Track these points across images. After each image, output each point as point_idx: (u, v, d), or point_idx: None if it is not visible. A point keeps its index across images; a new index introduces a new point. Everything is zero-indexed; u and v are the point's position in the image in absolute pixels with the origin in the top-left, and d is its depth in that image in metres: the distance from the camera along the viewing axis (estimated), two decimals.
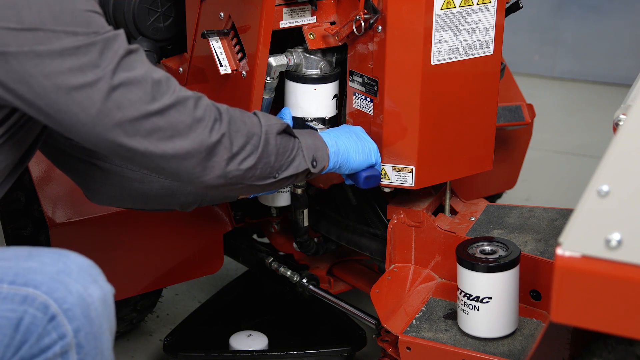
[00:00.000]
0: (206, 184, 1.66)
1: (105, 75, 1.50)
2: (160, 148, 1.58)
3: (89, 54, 1.49)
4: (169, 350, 2.36)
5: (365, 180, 1.98)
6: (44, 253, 1.47)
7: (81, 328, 1.42)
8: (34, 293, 1.40)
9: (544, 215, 2.19)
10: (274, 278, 2.39)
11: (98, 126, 1.52)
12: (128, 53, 1.54)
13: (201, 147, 1.61)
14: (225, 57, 2.07)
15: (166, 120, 1.57)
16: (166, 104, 1.57)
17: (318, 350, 2.33)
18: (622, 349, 1.38)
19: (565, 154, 3.88)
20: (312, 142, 1.84)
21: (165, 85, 1.58)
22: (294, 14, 2.03)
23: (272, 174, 1.75)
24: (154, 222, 2.25)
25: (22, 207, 2.24)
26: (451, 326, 1.95)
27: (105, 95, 1.50)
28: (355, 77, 2.05)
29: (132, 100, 1.52)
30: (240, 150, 1.67)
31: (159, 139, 1.57)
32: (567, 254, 1.24)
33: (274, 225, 2.48)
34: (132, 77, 1.53)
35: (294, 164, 1.79)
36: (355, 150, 1.95)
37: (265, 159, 1.72)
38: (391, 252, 2.13)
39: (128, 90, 1.52)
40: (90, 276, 1.45)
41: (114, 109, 1.51)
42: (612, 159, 1.28)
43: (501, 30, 2.04)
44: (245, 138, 1.68)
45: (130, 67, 1.53)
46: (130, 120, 1.53)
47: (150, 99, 1.55)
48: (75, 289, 1.42)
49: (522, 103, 2.55)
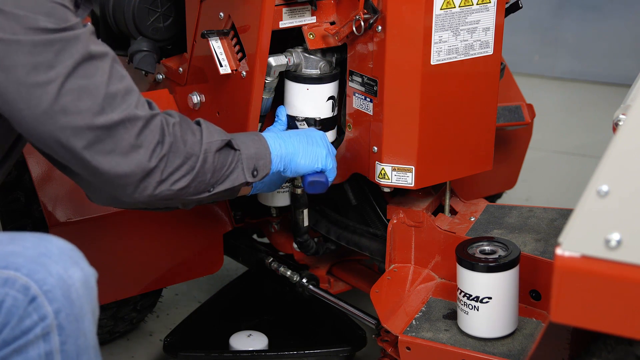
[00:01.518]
0: (135, 202, 1.66)
1: (58, 78, 1.49)
2: (96, 160, 1.57)
3: (46, 53, 1.48)
4: (169, 350, 2.36)
5: (309, 185, 1.97)
6: (26, 237, 1.47)
7: (62, 309, 1.42)
8: (15, 275, 1.41)
9: (544, 215, 2.19)
10: (274, 278, 2.39)
11: (41, 126, 1.51)
12: (88, 58, 1.52)
13: (138, 169, 1.60)
14: (225, 57, 2.07)
15: (110, 135, 1.56)
16: (114, 119, 1.55)
17: (318, 350, 2.33)
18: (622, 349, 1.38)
19: (565, 154, 3.88)
20: (255, 152, 1.82)
21: (119, 100, 1.56)
22: (293, 14, 2.03)
23: (207, 188, 1.74)
24: (153, 222, 2.25)
25: (22, 207, 2.24)
26: (451, 326, 1.95)
27: (53, 98, 1.49)
28: (355, 77, 2.05)
29: (79, 109, 1.52)
30: (175, 172, 1.66)
31: (98, 152, 1.56)
32: (567, 254, 1.24)
33: (274, 225, 2.48)
34: (85, 85, 1.51)
35: (231, 178, 1.78)
36: (302, 155, 1.92)
37: (201, 178, 1.71)
38: (391, 252, 2.13)
39: (78, 97, 1.51)
40: (71, 258, 1.46)
41: (59, 113, 1.51)
42: (612, 159, 1.28)
43: (501, 30, 2.04)
44: (182, 159, 1.67)
45: (87, 74, 1.52)
46: (74, 128, 1.52)
47: (99, 111, 1.53)
48: (56, 271, 1.42)
49: (522, 103, 2.55)
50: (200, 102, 2.21)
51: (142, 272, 2.29)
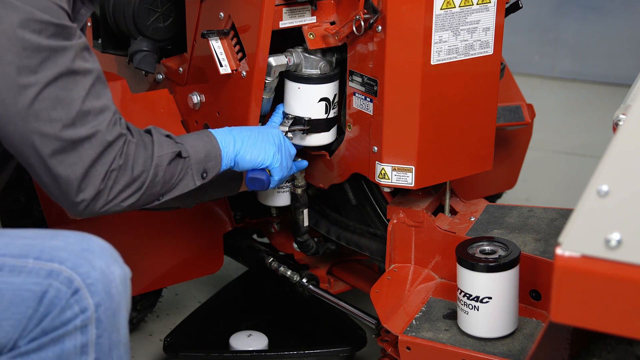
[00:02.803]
0: (84, 216, 1.69)
1: (38, 84, 1.53)
2: (57, 168, 1.60)
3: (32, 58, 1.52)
4: (169, 350, 2.36)
5: (249, 181, 1.99)
6: (67, 234, 1.52)
7: (102, 303, 1.47)
8: (59, 268, 1.46)
9: (544, 215, 2.19)
10: (274, 278, 2.39)
11: (11, 125, 1.55)
12: (71, 72, 1.56)
13: (93, 188, 1.64)
14: (225, 57, 2.07)
15: (74, 149, 1.60)
16: (81, 135, 1.59)
17: (318, 350, 2.33)
18: (622, 349, 1.38)
19: (565, 154, 3.88)
20: (205, 155, 1.84)
21: (91, 117, 1.60)
22: (293, 14, 2.03)
23: (156, 198, 1.78)
24: (154, 222, 2.25)
25: (22, 207, 2.24)
26: (451, 326, 1.95)
27: (29, 102, 1.53)
28: (355, 77, 2.05)
29: (51, 117, 1.56)
30: (124, 190, 1.69)
31: (61, 161, 1.60)
32: (567, 253, 1.24)
33: (274, 225, 2.48)
34: (62, 97, 1.56)
35: (180, 186, 1.80)
36: (249, 150, 1.94)
37: (150, 191, 1.74)
38: (391, 252, 2.13)
39: (52, 106, 1.55)
40: (112, 256, 1.52)
41: (32, 117, 1.55)
42: (612, 159, 1.28)
43: (501, 30, 2.04)
44: (132, 178, 1.70)
45: (66, 87, 1.56)
46: (42, 134, 1.56)
47: (69, 124, 1.58)
48: (99, 266, 1.48)
49: (522, 103, 2.55)
50: (200, 102, 2.21)
51: (142, 272, 2.28)
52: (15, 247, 1.48)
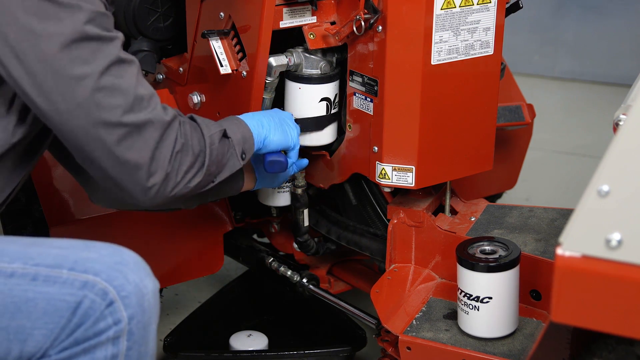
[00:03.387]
0: (153, 204, 1.71)
1: (94, 74, 1.55)
2: (124, 154, 1.61)
3: (84, 49, 1.54)
4: (169, 350, 2.36)
5: (269, 164, 1.99)
6: (100, 246, 1.54)
7: (135, 316, 1.48)
8: (94, 279, 1.47)
9: (544, 215, 2.19)
10: (274, 278, 2.39)
11: (74, 119, 1.56)
12: (120, 61, 1.58)
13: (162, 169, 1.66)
14: (226, 57, 2.07)
15: (138, 133, 1.62)
16: (142, 119, 1.61)
17: (318, 350, 2.34)
18: (623, 349, 1.38)
19: (565, 154, 3.88)
20: (241, 135, 1.87)
21: (146, 102, 1.63)
22: (294, 14, 2.03)
23: (211, 179, 1.79)
24: (154, 222, 2.25)
25: (22, 207, 2.24)
26: (451, 326, 1.95)
27: (89, 92, 1.54)
28: (356, 77, 2.05)
29: (112, 105, 1.57)
30: (189, 170, 1.71)
31: (128, 147, 1.61)
32: (567, 253, 1.24)
33: (274, 225, 2.48)
34: (117, 84, 1.58)
35: (229, 165, 1.83)
36: (275, 133, 1.97)
37: (209, 170, 1.77)
38: (391, 252, 2.13)
39: (111, 94, 1.57)
40: (145, 270, 1.52)
41: (94, 108, 1.56)
42: (612, 159, 1.28)
43: (501, 30, 2.04)
44: (194, 158, 1.72)
45: (119, 75, 1.58)
46: (106, 123, 1.58)
47: (129, 110, 1.59)
48: (133, 279, 1.49)
49: (522, 103, 2.55)
50: (200, 102, 2.21)
51: None
52: (49, 256, 1.49)
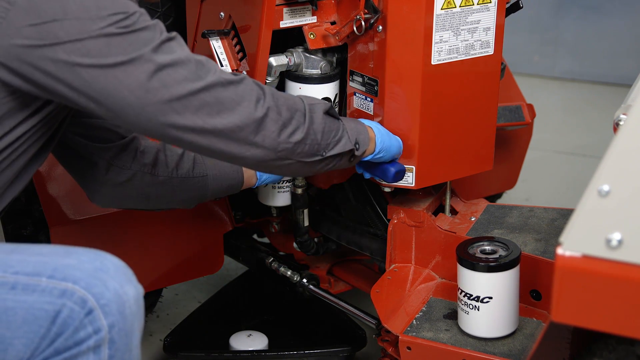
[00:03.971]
0: (257, 158, 1.69)
1: (149, 58, 1.55)
2: (209, 123, 1.61)
3: (132, 41, 1.54)
4: (169, 350, 2.36)
5: (395, 176, 1.98)
6: (81, 252, 1.51)
7: (115, 324, 1.46)
8: (73, 287, 1.45)
9: (544, 215, 2.19)
10: (274, 278, 2.39)
11: (147, 107, 1.56)
12: (168, 39, 1.59)
13: (249, 120, 1.65)
14: (226, 57, 2.07)
15: (213, 96, 1.61)
16: (211, 81, 1.61)
17: (318, 350, 2.33)
18: (623, 349, 1.38)
19: (565, 154, 3.88)
20: (354, 126, 1.88)
21: (207, 66, 1.62)
22: (294, 14, 2.03)
23: (319, 151, 1.78)
24: (154, 222, 2.25)
25: (22, 207, 2.24)
26: (451, 326, 1.95)
27: (150, 75, 1.55)
28: (356, 77, 2.05)
29: (177, 79, 1.57)
30: (288, 123, 1.71)
31: (208, 114, 1.61)
32: (568, 253, 1.24)
33: (274, 225, 2.48)
34: (175, 59, 1.58)
35: (341, 143, 1.82)
36: (391, 140, 1.97)
37: (312, 136, 1.75)
38: (391, 252, 2.13)
39: (173, 70, 1.57)
40: (126, 275, 1.50)
41: (160, 88, 1.56)
42: (612, 159, 1.28)
43: (501, 30, 2.04)
44: (290, 112, 1.72)
45: (171, 51, 1.58)
46: (178, 98, 1.57)
47: (196, 78, 1.59)
48: (113, 286, 1.46)
49: (522, 103, 2.55)
50: None
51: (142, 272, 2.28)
52: (28, 264, 1.47)
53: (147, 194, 1.97)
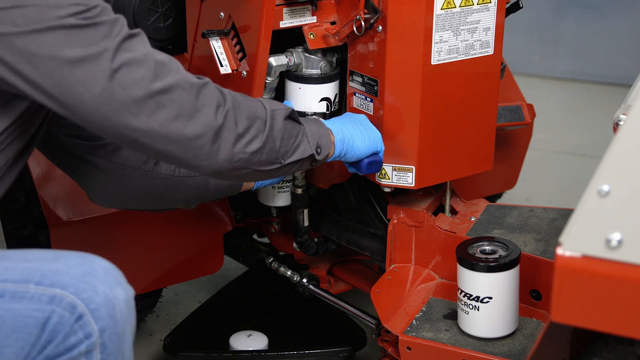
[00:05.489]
0: (212, 168, 1.65)
1: (108, 55, 1.50)
2: (165, 128, 1.57)
3: (92, 35, 1.50)
4: (169, 350, 2.36)
5: (368, 166, 1.97)
6: (69, 256, 1.49)
7: (106, 328, 1.45)
8: (62, 293, 1.43)
9: (544, 215, 2.19)
10: (274, 278, 2.39)
11: (103, 106, 1.52)
12: (130, 36, 1.54)
13: (207, 127, 1.60)
14: (226, 57, 2.07)
15: (171, 98, 1.57)
16: (170, 82, 1.56)
17: (318, 350, 2.33)
18: (623, 349, 1.38)
19: (565, 154, 3.88)
20: (317, 129, 1.84)
21: (168, 66, 1.58)
22: (294, 14, 2.03)
23: (277, 159, 1.74)
24: (154, 222, 2.25)
25: (22, 207, 2.24)
26: (451, 326, 1.95)
27: (108, 75, 1.50)
28: (356, 77, 2.05)
29: (135, 79, 1.52)
30: (245, 132, 1.66)
31: (164, 118, 1.56)
32: (568, 253, 1.24)
33: (274, 225, 2.48)
34: (133, 57, 1.53)
35: (300, 150, 1.78)
36: (360, 138, 1.95)
37: (271, 144, 1.71)
38: (391, 252, 2.13)
39: (131, 69, 1.52)
40: (115, 278, 1.48)
41: (117, 88, 1.51)
42: (612, 159, 1.28)
43: (501, 30, 2.04)
44: (249, 121, 1.67)
45: (132, 49, 1.53)
46: (135, 100, 1.53)
47: (153, 77, 1.54)
48: (102, 290, 1.45)
49: (522, 103, 2.55)
50: None
51: (142, 272, 2.29)
52: (15, 271, 1.45)
53: (148, 194, 1.97)
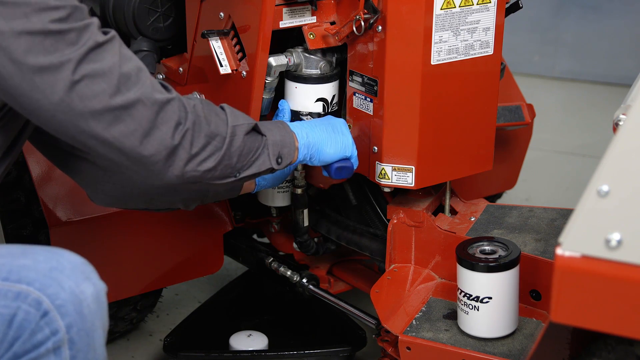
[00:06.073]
0: (163, 182, 1.65)
1: (70, 66, 1.49)
2: (119, 142, 1.56)
3: (57, 43, 1.48)
4: (169, 350, 2.36)
5: (337, 171, 1.98)
6: (37, 251, 1.47)
7: (73, 324, 1.43)
8: (27, 289, 1.41)
9: (544, 215, 2.19)
10: (274, 278, 2.39)
11: (59, 114, 1.51)
12: (98, 45, 1.52)
13: (161, 147, 1.60)
14: (225, 57, 2.07)
15: (129, 114, 1.55)
16: (131, 98, 1.55)
17: (318, 350, 2.33)
18: (622, 349, 1.38)
19: (565, 154, 3.88)
20: (280, 138, 1.83)
21: (134, 79, 1.56)
22: (294, 14, 2.03)
23: (232, 173, 1.74)
24: (154, 222, 2.25)
25: (22, 207, 2.24)
26: (451, 326, 1.95)
27: (68, 86, 1.49)
28: (355, 77, 2.05)
29: (95, 92, 1.51)
30: (200, 152, 1.65)
31: (120, 133, 1.55)
32: (567, 253, 1.24)
33: (274, 225, 2.48)
34: (97, 69, 1.51)
35: (257, 163, 1.78)
36: (328, 143, 1.94)
37: (227, 161, 1.71)
38: (391, 252, 2.13)
39: (92, 81, 1.51)
40: (83, 273, 1.46)
41: (76, 100, 1.50)
42: (612, 159, 1.28)
43: (501, 30, 2.04)
44: (207, 139, 1.66)
45: (98, 59, 1.52)
46: (92, 112, 1.52)
47: (115, 92, 1.53)
48: (68, 286, 1.43)
49: (522, 103, 2.55)
50: None
51: (142, 272, 2.29)
52: None
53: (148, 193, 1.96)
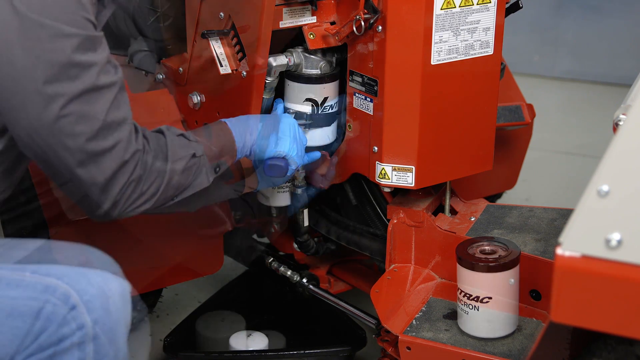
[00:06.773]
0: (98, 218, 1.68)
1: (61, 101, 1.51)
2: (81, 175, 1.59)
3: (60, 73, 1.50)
4: (169, 350, 2.36)
5: (268, 168, 1.99)
6: (67, 247, 1.53)
7: (99, 320, 1.46)
8: (56, 283, 1.44)
9: (544, 215, 2.19)
10: (274, 278, 2.39)
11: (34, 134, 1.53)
12: (94, 89, 1.54)
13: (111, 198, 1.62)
14: (225, 57, 2.07)
15: (95, 161, 1.58)
16: (103, 147, 1.58)
17: (318, 350, 2.33)
18: (622, 349, 1.38)
19: (565, 154, 3.88)
20: (219, 149, 1.85)
21: (113, 129, 1.58)
22: (294, 14, 2.03)
23: (170, 199, 1.76)
24: (154, 222, 2.25)
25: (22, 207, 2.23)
26: (451, 326, 1.95)
27: (52, 119, 1.52)
28: (355, 77, 2.05)
29: (75, 132, 1.54)
30: (139, 197, 1.68)
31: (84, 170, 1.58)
32: (567, 253, 1.24)
33: (274, 225, 2.48)
34: (85, 112, 1.54)
35: (194, 185, 1.79)
36: (267, 141, 1.96)
37: (164, 195, 1.73)
38: (391, 252, 2.13)
39: (75, 122, 1.54)
40: (111, 271, 1.50)
41: (56, 131, 1.53)
42: (612, 159, 1.28)
43: (501, 30, 2.04)
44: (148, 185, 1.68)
45: (91, 101, 1.55)
46: (66, 147, 1.55)
47: (92, 138, 1.56)
48: (96, 282, 1.46)
49: (522, 103, 2.55)
50: (200, 102, 2.21)
51: (142, 272, 2.28)
52: (13, 259, 1.48)
53: None
